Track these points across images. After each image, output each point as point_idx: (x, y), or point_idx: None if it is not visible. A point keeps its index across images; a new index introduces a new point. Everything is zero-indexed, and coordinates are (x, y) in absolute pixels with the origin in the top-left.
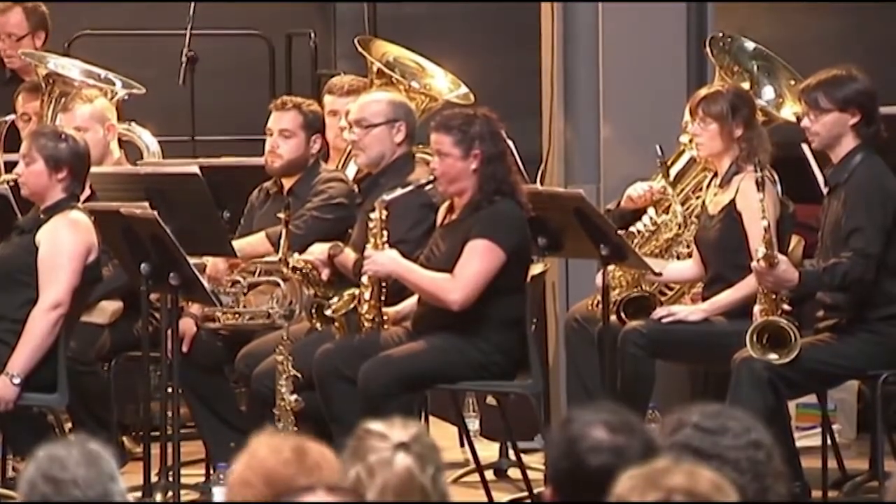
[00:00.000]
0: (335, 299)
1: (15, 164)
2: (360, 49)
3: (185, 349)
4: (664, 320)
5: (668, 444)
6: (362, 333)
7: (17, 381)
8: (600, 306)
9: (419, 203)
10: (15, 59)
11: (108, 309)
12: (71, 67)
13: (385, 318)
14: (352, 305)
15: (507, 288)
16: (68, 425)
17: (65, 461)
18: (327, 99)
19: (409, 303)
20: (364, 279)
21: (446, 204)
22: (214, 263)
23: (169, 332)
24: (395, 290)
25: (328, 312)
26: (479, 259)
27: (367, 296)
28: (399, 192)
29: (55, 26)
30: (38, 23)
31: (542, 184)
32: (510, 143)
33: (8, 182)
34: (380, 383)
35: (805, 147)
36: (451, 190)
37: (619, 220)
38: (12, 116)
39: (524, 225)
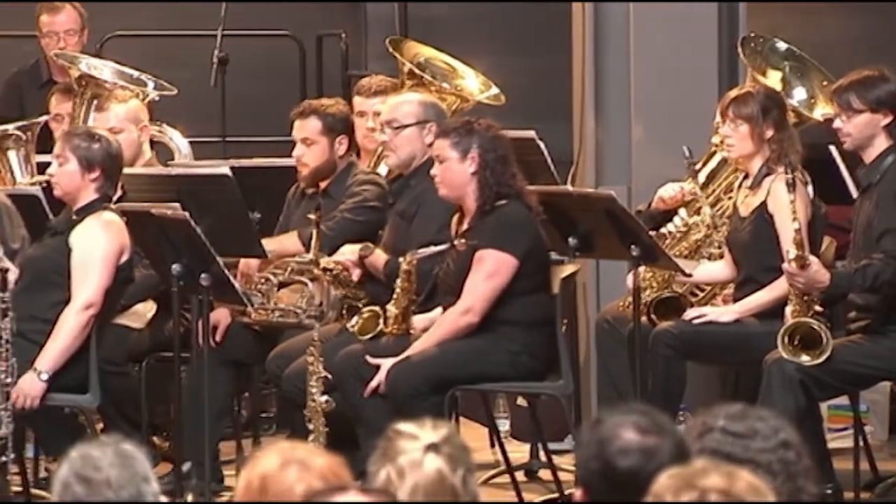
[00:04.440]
0: (355, 319)
1: (48, 164)
2: (391, 50)
3: (217, 339)
4: (695, 321)
5: (698, 450)
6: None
7: (44, 377)
8: (631, 307)
9: (448, 206)
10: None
11: (142, 313)
12: (103, 69)
13: (412, 330)
14: (378, 327)
15: (529, 289)
16: (100, 426)
17: (98, 461)
18: (356, 100)
19: (435, 314)
20: (397, 289)
21: (457, 216)
22: (246, 261)
23: (199, 331)
24: (420, 301)
25: (349, 325)
26: (488, 272)
27: (392, 310)
28: (432, 249)
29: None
30: (85, 20)
31: (573, 185)
32: (541, 144)
33: (41, 183)
34: (408, 385)
35: (833, 149)
36: (452, 195)
37: (650, 221)
38: (46, 117)
39: (533, 226)
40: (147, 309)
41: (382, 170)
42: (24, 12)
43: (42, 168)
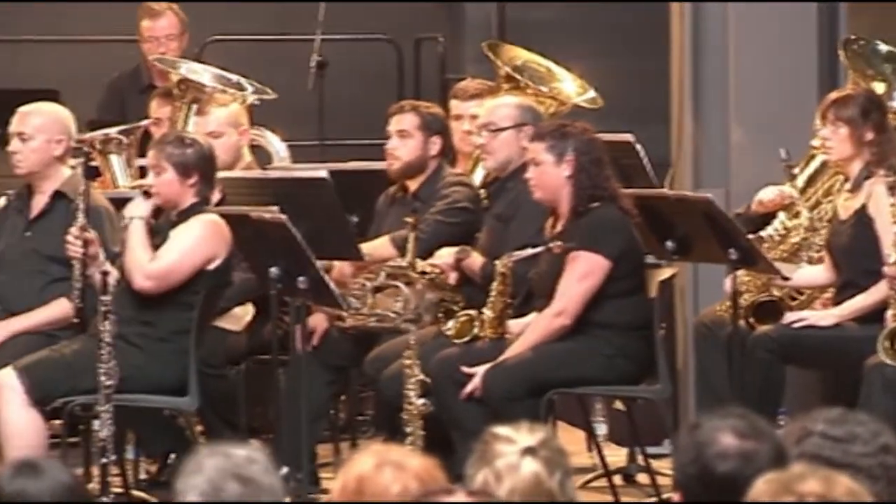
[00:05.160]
0: (451, 323)
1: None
2: (488, 53)
3: (315, 344)
4: (795, 325)
5: (797, 454)
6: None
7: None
8: (730, 311)
9: (544, 209)
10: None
11: (241, 316)
12: (203, 73)
13: (507, 334)
14: (473, 331)
15: (623, 292)
16: (199, 428)
17: (253, 460)
18: (452, 103)
19: (531, 318)
20: (492, 291)
21: (551, 219)
22: (340, 267)
23: (297, 336)
24: (516, 305)
25: (445, 329)
26: (581, 274)
27: (488, 314)
28: (528, 251)
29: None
30: (185, 25)
31: (671, 188)
32: (639, 147)
33: (141, 188)
34: (503, 388)
35: None
36: (547, 198)
37: (749, 224)
38: (147, 122)
39: (626, 229)
40: (245, 312)
41: (479, 173)
42: (125, 17)
43: (143, 172)
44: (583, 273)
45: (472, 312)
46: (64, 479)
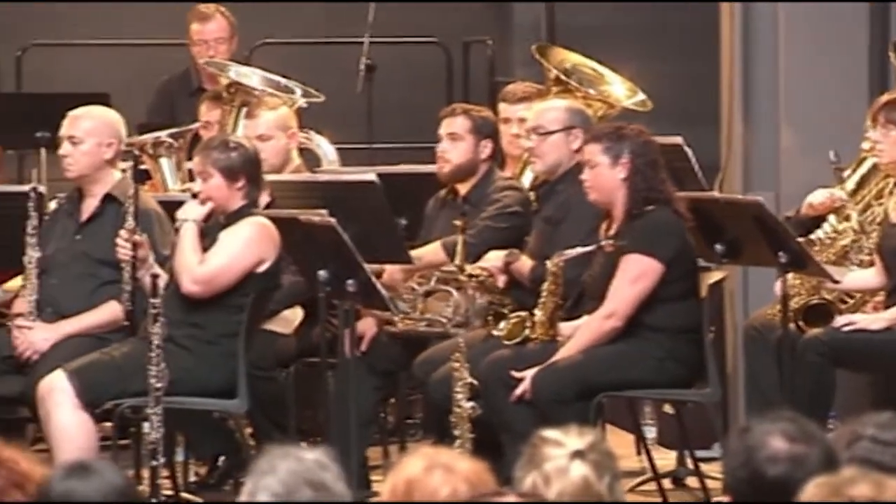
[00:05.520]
0: (503, 324)
1: None
2: (537, 56)
3: (363, 349)
4: (845, 329)
5: (847, 458)
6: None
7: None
8: (779, 314)
9: (595, 211)
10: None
11: (290, 318)
12: (252, 76)
13: (558, 337)
14: (524, 333)
15: (675, 296)
16: (248, 430)
17: (323, 465)
18: (501, 106)
19: (582, 321)
20: (543, 292)
21: (604, 224)
22: (391, 272)
23: (346, 340)
24: (568, 307)
25: (496, 333)
26: (633, 276)
27: (539, 316)
28: (579, 250)
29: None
30: (234, 28)
31: (720, 191)
32: (688, 150)
33: (191, 191)
34: (553, 391)
35: None
36: (602, 200)
37: (799, 227)
38: (196, 125)
39: (680, 233)
40: (295, 315)
41: (528, 176)
42: (174, 21)
43: (192, 175)
44: (635, 276)
45: (524, 314)
46: (115, 480)
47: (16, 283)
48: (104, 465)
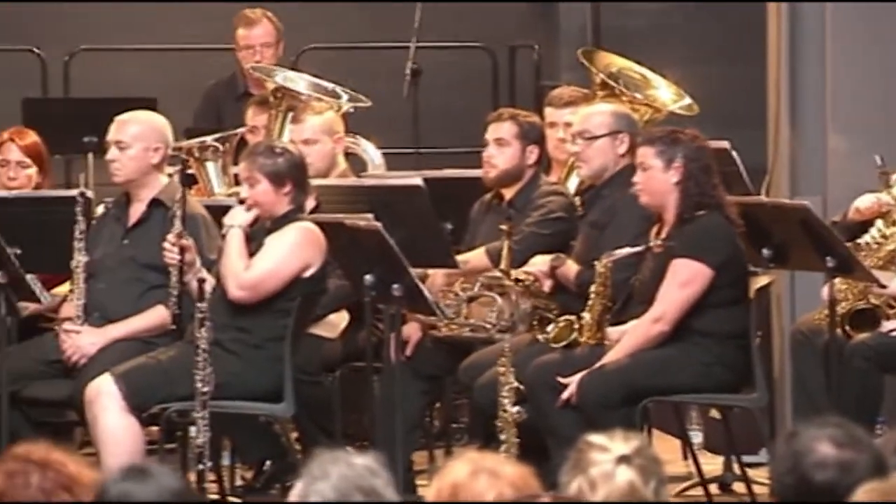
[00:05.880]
0: (551, 327)
1: None
2: (583, 61)
3: (408, 353)
4: (892, 334)
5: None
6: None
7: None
8: (827, 319)
9: (641, 215)
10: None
11: (336, 323)
12: (299, 81)
13: (606, 340)
14: (572, 336)
15: (724, 301)
16: (294, 435)
17: (374, 472)
18: (547, 111)
19: (629, 325)
20: (591, 293)
21: (655, 228)
22: (433, 277)
23: (392, 345)
24: (615, 310)
25: (542, 338)
26: (682, 281)
27: (587, 318)
28: (627, 251)
29: (284, 40)
30: (281, 32)
31: (767, 195)
32: (735, 154)
33: (237, 195)
34: (599, 395)
35: None
36: (653, 203)
37: (846, 231)
38: (243, 129)
39: (731, 238)
40: (340, 319)
41: (574, 181)
42: (221, 25)
43: (238, 180)
44: (684, 280)
45: (572, 317)
46: (171, 484)
47: (64, 287)
48: (161, 469)
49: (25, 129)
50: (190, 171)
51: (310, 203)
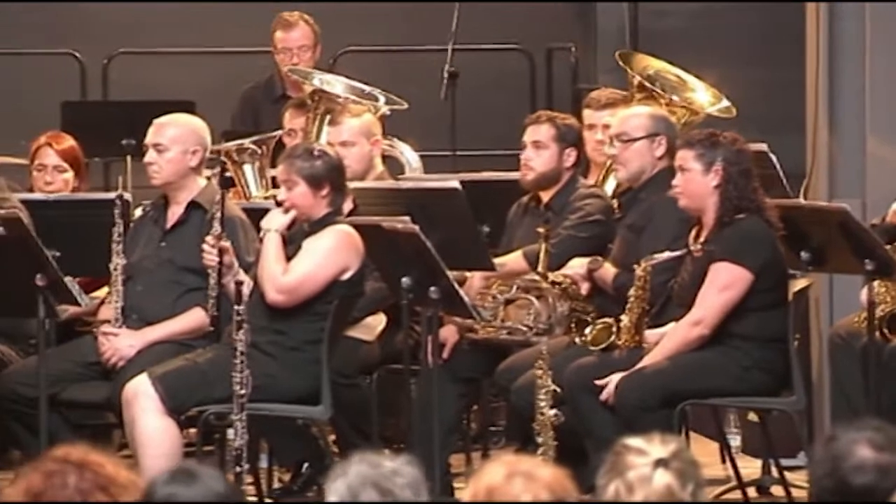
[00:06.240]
0: (589, 329)
1: None
2: (620, 63)
3: (445, 356)
4: None
5: None
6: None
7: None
8: (865, 322)
9: (678, 217)
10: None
11: (373, 325)
12: (336, 84)
13: (644, 343)
14: (610, 338)
15: (764, 305)
16: (331, 437)
17: (397, 473)
18: (585, 113)
19: (668, 328)
20: (630, 296)
21: (695, 230)
22: (470, 280)
23: (429, 348)
24: (654, 314)
25: (579, 340)
26: (722, 284)
27: (625, 321)
28: (667, 255)
29: (321, 43)
30: (318, 35)
31: (805, 198)
32: (773, 157)
33: (274, 198)
34: (637, 397)
35: None
36: (692, 206)
37: (885, 235)
38: (280, 132)
39: (771, 242)
40: (378, 321)
41: (611, 183)
42: (258, 28)
43: (276, 182)
44: (724, 284)
45: (610, 320)
46: (218, 487)
47: (104, 291)
48: (207, 471)
49: (62, 134)
50: (228, 174)
51: (347, 205)
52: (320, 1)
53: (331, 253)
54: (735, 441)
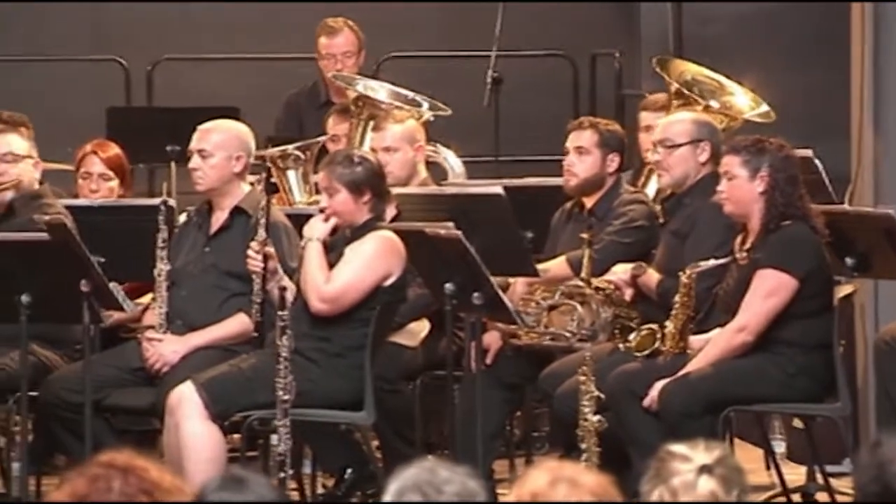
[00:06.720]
0: (633, 335)
1: None
2: (657, 69)
3: (488, 362)
4: None
5: None
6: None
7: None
8: None
9: (722, 223)
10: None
11: (416, 331)
12: (380, 90)
13: (689, 349)
14: (654, 345)
15: (809, 312)
16: (375, 443)
17: (449, 481)
18: (642, 115)
19: (712, 334)
20: (675, 304)
21: (740, 236)
22: (514, 286)
23: (472, 353)
24: (698, 320)
25: (623, 346)
26: (767, 291)
27: (670, 327)
28: (712, 262)
29: (365, 49)
30: (362, 42)
31: (850, 204)
32: (818, 162)
33: (318, 204)
34: (681, 403)
35: None
36: (738, 212)
37: None
38: (324, 138)
39: (817, 249)
40: (421, 327)
41: (652, 186)
42: (303, 35)
43: (319, 189)
44: (769, 290)
45: (654, 326)
46: (268, 494)
47: (147, 297)
48: (257, 478)
49: (107, 142)
50: (273, 180)
51: (390, 211)
52: (365, 5)
53: (373, 259)
54: (780, 447)
